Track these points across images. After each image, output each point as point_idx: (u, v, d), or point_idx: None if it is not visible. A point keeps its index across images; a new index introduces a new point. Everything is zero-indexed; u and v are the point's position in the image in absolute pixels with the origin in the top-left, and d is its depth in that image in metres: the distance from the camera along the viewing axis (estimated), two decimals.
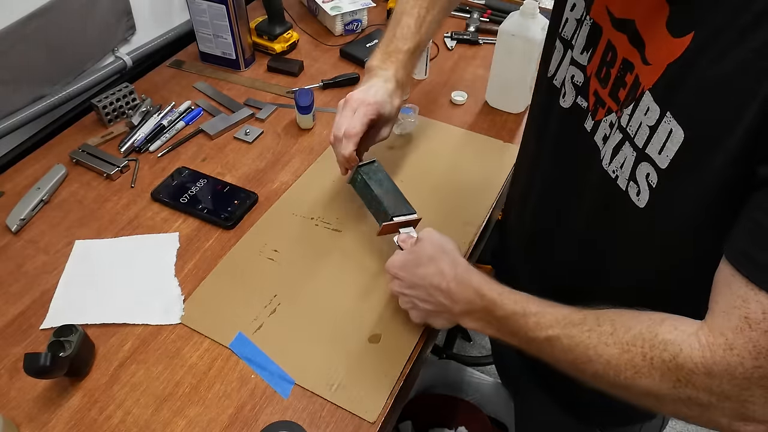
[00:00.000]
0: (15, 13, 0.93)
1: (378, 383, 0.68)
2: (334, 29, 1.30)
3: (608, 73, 0.57)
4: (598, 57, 0.59)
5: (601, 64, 0.59)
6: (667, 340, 0.47)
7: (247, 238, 0.85)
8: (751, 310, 0.43)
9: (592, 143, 0.61)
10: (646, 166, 0.52)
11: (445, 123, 1.06)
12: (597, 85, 0.60)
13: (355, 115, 0.77)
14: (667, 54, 0.49)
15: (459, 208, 0.89)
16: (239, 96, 1.13)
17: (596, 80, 0.60)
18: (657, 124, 0.50)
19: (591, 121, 0.61)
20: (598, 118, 0.60)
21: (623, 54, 0.55)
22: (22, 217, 0.86)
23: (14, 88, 0.97)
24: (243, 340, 0.73)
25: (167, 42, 1.23)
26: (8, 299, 0.77)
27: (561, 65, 0.66)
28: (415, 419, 1.24)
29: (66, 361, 0.65)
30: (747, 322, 0.43)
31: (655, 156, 0.51)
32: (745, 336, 0.43)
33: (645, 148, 0.52)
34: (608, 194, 0.58)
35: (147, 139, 1.01)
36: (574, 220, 0.67)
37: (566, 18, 0.64)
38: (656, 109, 0.50)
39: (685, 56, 0.47)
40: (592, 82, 0.61)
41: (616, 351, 0.50)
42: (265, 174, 0.96)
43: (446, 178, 0.95)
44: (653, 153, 0.51)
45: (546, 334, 0.56)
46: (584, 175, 0.62)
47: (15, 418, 0.65)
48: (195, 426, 0.65)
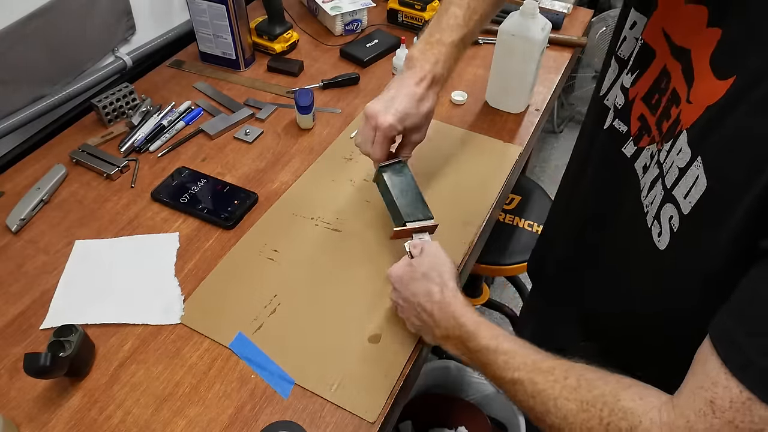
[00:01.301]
0: (15, 13, 0.93)
1: (378, 383, 0.68)
2: (334, 29, 1.30)
3: (659, 101, 0.55)
4: (649, 82, 0.56)
5: (652, 90, 0.56)
6: (628, 409, 0.45)
7: (247, 238, 0.85)
8: (719, 395, 0.40)
9: (632, 170, 0.58)
10: (671, 208, 0.50)
11: (445, 123, 1.06)
12: (644, 109, 0.57)
13: (375, 141, 0.75)
14: (708, 95, 0.46)
15: (459, 208, 0.89)
16: (239, 96, 1.13)
17: (644, 105, 0.57)
18: (687, 167, 0.47)
19: (633, 146, 0.59)
20: (641, 145, 0.58)
21: (674, 84, 0.52)
22: (22, 217, 0.86)
23: (14, 88, 0.97)
24: (243, 340, 0.73)
25: (167, 42, 1.23)
26: (8, 299, 0.77)
27: (614, 86, 0.64)
28: (415, 419, 1.24)
29: (66, 361, 0.65)
30: (712, 408, 0.40)
31: (680, 199, 0.48)
32: (707, 422, 0.40)
33: (672, 189, 0.49)
34: (637, 227, 0.56)
35: (147, 139, 1.01)
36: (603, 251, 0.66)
37: (624, 36, 0.61)
38: (688, 152, 0.47)
39: (725, 101, 0.44)
40: (636, 105, 0.58)
41: (574, 407, 0.49)
42: (265, 174, 0.96)
43: (446, 178, 0.95)
44: (679, 196, 0.48)
45: (512, 376, 0.55)
46: (618, 203, 0.61)
47: (15, 418, 0.65)
48: (195, 426, 0.65)
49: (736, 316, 0.41)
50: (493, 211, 0.91)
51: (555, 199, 0.86)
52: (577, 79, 2.55)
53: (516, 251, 1.30)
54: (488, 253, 1.27)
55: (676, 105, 0.51)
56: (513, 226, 1.35)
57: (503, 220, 1.36)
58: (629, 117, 0.59)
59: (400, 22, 1.33)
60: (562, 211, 0.80)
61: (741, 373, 0.39)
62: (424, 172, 0.95)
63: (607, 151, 0.63)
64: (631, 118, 0.59)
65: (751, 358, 0.39)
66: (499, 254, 1.30)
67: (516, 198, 1.40)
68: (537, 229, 1.34)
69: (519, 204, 1.39)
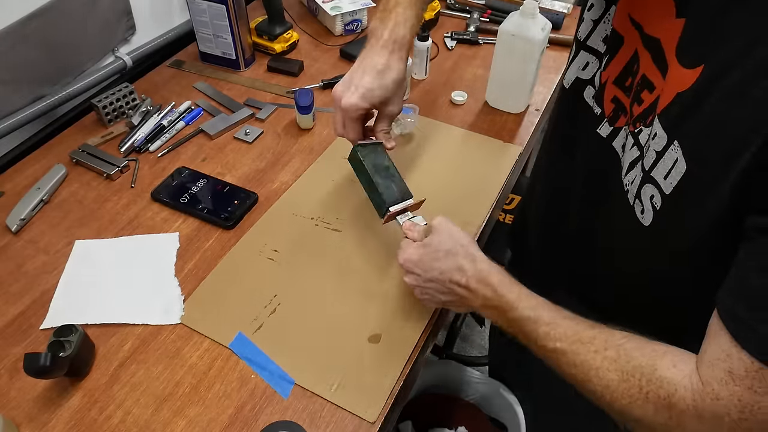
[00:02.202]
0: (15, 13, 0.93)
1: (378, 383, 0.68)
2: (334, 29, 1.30)
3: (632, 84, 0.57)
4: (619, 66, 0.59)
5: (624, 74, 0.58)
6: (664, 378, 0.49)
7: (247, 238, 0.85)
8: (735, 366, 0.44)
9: (611, 150, 0.61)
10: (651, 188, 0.53)
11: (445, 123, 1.06)
12: (618, 92, 0.59)
13: (343, 123, 0.75)
14: (677, 83, 0.48)
15: (459, 207, 0.89)
16: (239, 96, 1.13)
17: (616, 87, 0.60)
18: (663, 151, 0.50)
19: (608, 127, 0.61)
20: (618, 125, 0.60)
21: (644, 70, 0.54)
22: (22, 217, 0.86)
23: (14, 88, 0.97)
24: (243, 340, 0.73)
25: (167, 42, 1.23)
26: (8, 299, 0.77)
27: (571, 66, 0.66)
28: (415, 419, 1.24)
29: (66, 361, 0.65)
30: (731, 377, 0.44)
31: (660, 180, 0.51)
32: (730, 389, 0.44)
33: (651, 171, 0.52)
34: (621, 205, 0.59)
35: (147, 139, 1.01)
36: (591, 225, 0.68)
37: (583, 18, 0.64)
38: (664, 136, 0.50)
39: (696, 88, 0.47)
40: (608, 88, 0.60)
41: (615, 377, 0.51)
42: (265, 174, 0.96)
43: (446, 178, 0.95)
44: (659, 177, 0.51)
45: (554, 346, 0.57)
46: (602, 182, 0.63)
47: (15, 418, 0.65)
48: (195, 426, 0.65)
49: (735, 293, 0.45)
50: (493, 211, 0.91)
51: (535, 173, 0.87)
52: None
53: None
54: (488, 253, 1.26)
55: (649, 90, 0.54)
56: None
57: (503, 220, 1.36)
58: (602, 100, 0.62)
59: None
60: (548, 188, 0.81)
61: (749, 345, 0.43)
62: (424, 172, 0.95)
63: (588, 132, 0.65)
64: (605, 100, 0.61)
65: (756, 331, 0.43)
66: (499, 254, 1.29)
67: (516, 198, 1.40)
68: None
69: (519, 204, 1.39)
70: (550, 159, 0.79)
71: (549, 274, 0.80)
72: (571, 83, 0.67)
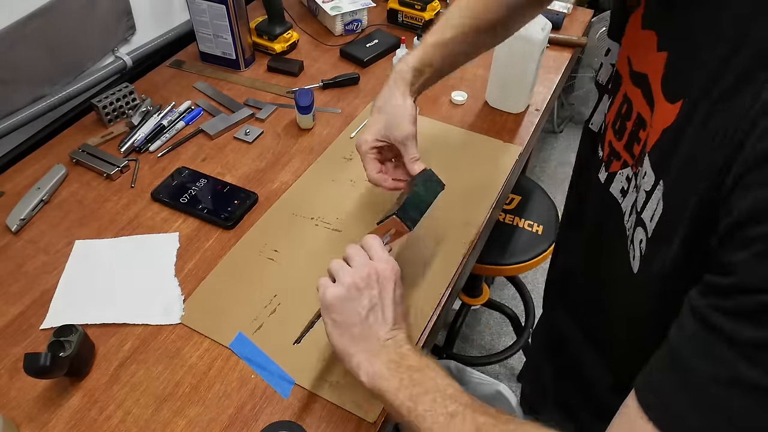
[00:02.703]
0: (15, 13, 0.93)
1: None
2: (334, 29, 1.30)
3: (623, 126, 0.55)
4: (615, 108, 0.57)
5: (617, 116, 0.57)
6: None
7: (247, 238, 0.85)
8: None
9: (608, 196, 0.58)
10: (640, 231, 0.50)
11: (445, 123, 1.06)
12: (612, 136, 0.58)
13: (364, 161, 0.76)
14: (663, 119, 0.46)
15: (459, 208, 0.89)
16: (239, 96, 1.13)
17: (611, 131, 0.58)
18: (652, 190, 0.47)
19: (605, 172, 0.59)
20: (612, 170, 0.58)
21: (638, 109, 0.52)
22: (22, 217, 0.86)
23: (14, 88, 0.97)
24: (243, 340, 0.73)
25: (167, 42, 1.23)
26: (8, 299, 0.77)
27: (596, 111, 0.65)
28: None
29: (66, 361, 0.65)
30: None
31: (647, 222, 0.48)
32: None
33: (641, 212, 0.49)
34: (620, 251, 0.55)
35: (147, 139, 1.01)
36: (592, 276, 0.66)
37: (601, 63, 0.63)
38: (652, 176, 0.47)
39: (676, 124, 0.44)
40: (608, 132, 0.59)
41: None
42: (265, 174, 0.96)
43: (446, 178, 0.94)
44: (647, 219, 0.48)
45: (454, 409, 0.51)
46: (605, 228, 0.60)
47: (15, 418, 0.65)
48: (195, 426, 0.65)
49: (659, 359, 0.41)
50: (493, 211, 0.91)
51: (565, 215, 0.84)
52: (577, 79, 2.55)
53: (516, 251, 1.30)
54: (488, 253, 1.27)
55: (643, 129, 0.51)
56: (513, 226, 1.35)
57: (503, 220, 1.36)
58: (603, 143, 0.60)
59: (400, 22, 1.33)
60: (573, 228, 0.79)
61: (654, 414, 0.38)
62: None
63: (592, 177, 0.63)
64: (604, 144, 0.60)
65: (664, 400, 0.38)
66: (499, 254, 1.30)
67: (516, 198, 1.40)
68: (537, 229, 1.34)
69: (519, 204, 1.39)
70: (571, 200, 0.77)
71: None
72: (600, 127, 0.65)
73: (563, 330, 0.76)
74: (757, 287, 0.34)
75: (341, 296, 0.59)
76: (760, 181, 0.34)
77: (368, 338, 0.59)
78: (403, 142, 0.75)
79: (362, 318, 0.59)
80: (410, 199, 0.70)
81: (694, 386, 0.37)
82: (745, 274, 0.34)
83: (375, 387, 0.56)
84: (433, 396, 0.53)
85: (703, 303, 0.37)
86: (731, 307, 0.35)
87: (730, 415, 0.35)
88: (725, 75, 0.39)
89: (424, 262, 0.82)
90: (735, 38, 0.39)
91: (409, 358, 0.57)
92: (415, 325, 0.74)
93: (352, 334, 0.59)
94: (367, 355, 0.58)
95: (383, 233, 0.70)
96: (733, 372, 0.35)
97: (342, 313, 0.59)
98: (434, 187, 0.74)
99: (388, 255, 0.64)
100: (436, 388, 0.53)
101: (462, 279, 0.85)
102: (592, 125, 0.66)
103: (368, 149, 0.75)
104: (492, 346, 1.84)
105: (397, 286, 0.62)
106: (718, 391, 0.35)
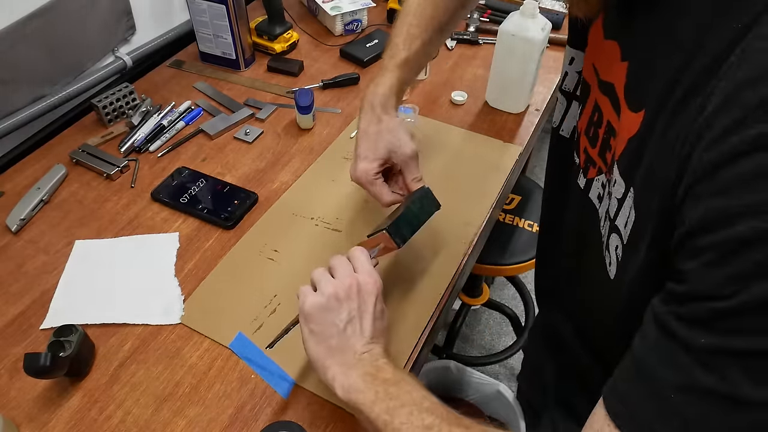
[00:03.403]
0: (15, 13, 0.93)
1: None
2: (334, 29, 1.30)
3: (596, 133, 0.56)
4: (587, 116, 0.58)
5: (589, 124, 0.57)
6: None
7: (247, 238, 0.85)
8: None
9: (588, 201, 0.59)
10: (615, 238, 0.50)
11: (445, 123, 1.06)
12: (586, 143, 0.58)
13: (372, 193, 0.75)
14: (627, 128, 0.47)
15: (459, 208, 0.89)
16: (239, 96, 1.13)
17: (585, 138, 0.59)
18: (623, 198, 0.48)
19: (583, 178, 0.60)
20: (589, 177, 0.59)
21: (608, 117, 0.53)
22: (22, 217, 0.86)
23: (14, 88, 0.97)
24: (243, 340, 0.73)
25: (167, 42, 1.23)
26: (8, 299, 0.77)
27: (565, 117, 0.66)
28: None
29: (66, 361, 0.65)
30: None
31: (621, 229, 0.49)
32: None
33: (615, 219, 0.50)
34: (597, 257, 0.56)
35: (147, 139, 1.01)
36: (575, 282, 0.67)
37: (566, 72, 0.64)
38: (622, 183, 0.48)
39: (640, 134, 0.45)
40: (582, 139, 0.60)
41: None
42: (265, 174, 0.96)
43: (446, 178, 0.95)
44: (621, 226, 0.49)
45: (431, 422, 0.51)
46: (585, 234, 0.61)
47: (15, 418, 0.65)
48: (195, 426, 0.65)
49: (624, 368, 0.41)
50: (493, 211, 0.91)
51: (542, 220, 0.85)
52: None
53: (516, 251, 1.30)
54: (488, 253, 1.27)
55: (613, 137, 0.52)
56: (513, 226, 1.35)
57: (503, 220, 1.36)
58: (578, 150, 0.61)
59: None
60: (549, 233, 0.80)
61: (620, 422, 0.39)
62: (425, 172, 0.95)
63: (571, 183, 0.64)
64: (580, 150, 0.60)
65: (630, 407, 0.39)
66: (499, 254, 1.30)
67: (516, 198, 1.41)
68: (537, 229, 1.34)
69: (519, 204, 1.39)
70: (548, 206, 0.78)
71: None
72: (571, 132, 0.66)
73: (560, 329, 0.76)
74: (708, 294, 0.34)
75: (320, 306, 0.59)
76: (708, 191, 0.35)
77: (344, 351, 0.58)
78: (407, 162, 0.75)
79: (339, 330, 0.59)
80: (403, 216, 0.70)
81: (658, 395, 0.37)
82: (696, 282, 0.35)
83: (351, 400, 0.56)
84: (409, 409, 0.52)
85: (663, 310, 0.38)
86: (685, 313, 0.36)
87: (686, 420, 0.36)
88: (678, 86, 0.39)
89: (424, 262, 0.82)
90: (690, 49, 0.39)
91: (385, 371, 0.57)
92: (414, 325, 0.74)
93: (329, 345, 0.58)
94: (342, 368, 0.57)
95: (371, 247, 0.69)
96: (690, 379, 0.35)
97: (320, 323, 0.59)
98: (429, 206, 0.73)
99: (372, 268, 0.63)
100: (412, 401, 0.53)
101: (462, 279, 0.85)
102: (563, 132, 0.67)
103: (373, 177, 0.73)
104: (492, 346, 1.84)
105: (378, 300, 0.62)
106: (678, 398, 0.36)
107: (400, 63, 0.77)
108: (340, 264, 0.63)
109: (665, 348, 0.37)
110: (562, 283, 0.74)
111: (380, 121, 0.74)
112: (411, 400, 0.53)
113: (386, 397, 0.54)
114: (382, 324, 0.62)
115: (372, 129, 0.74)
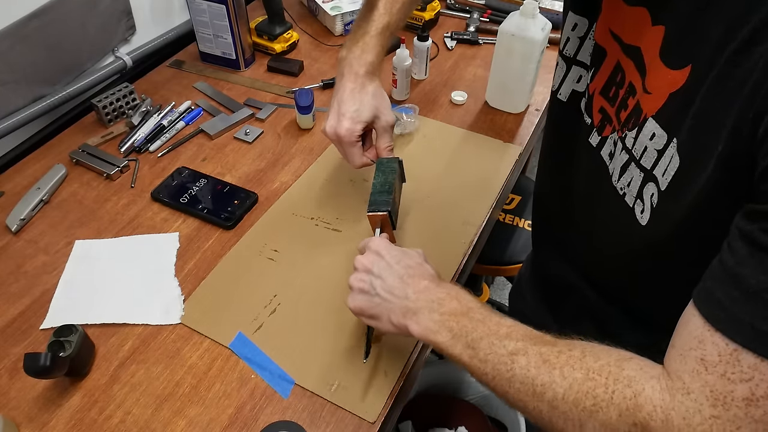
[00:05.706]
0: (15, 13, 0.93)
1: (378, 383, 0.68)
2: (334, 29, 1.30)
3: (616, 93, 0.59)
4: (604, 77, 0.61)
5: (609, 84, 0.61)
6: (632, 377, 0.46)
7: (247, 238, 0.85)
8: (707, 351, 0.42)
9: (599, 158, 0.63)
10: (652, 186, 0.54)
11: (445, 123, 1.06)
12: (604, 102, 0.61)
13: (346, 152, 0.78)
14: (668, 84, 0.50)
15: (459, 208, 0.89)
16: (239, 96, 1.13)
17: (602, 98, 0.62)
18: (664, 149, 0.52)
19: (597, 136, 0.63)
20: (605, 134, 0.62)
21: (630, 78, 0.57)
22: (22, 217, 0.86)
23: (14, 88, 0.97)
24: (243, 340, 0.73)
25: (167, 42, 1.23)
26: (8, 299, 0.77)
27: (564, 81, 0.69)
28: (415, 419, 1.24)
29: (66, 361, 0.65)
30: (703, 365, 0.42)
31: (660, 177, 0.52)
32: (702, 380, 0.42)
33: (653, 169, 0.53)
34: (618, 208, 0.59)
35: (147, 139, 1.01)
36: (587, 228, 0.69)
37: (568, 37, 0.67)
38: (663, 135, 0.51)
39: (686, 87, 0.49)
40: (596, 99, 0.63)
41: (580, 375, 0.48)
42: (265, 174, 0.96)
43: (446, 178, 0.95)
44: (659, 175, 0.52)
45: (515, 346, 0.52)
46: (597, 189, 0.64)
47: (15, 418, 0.65)
48: (195, 426, 0.65)
49: (712, 275, 0.44)
50: (493, 211, 0.91)
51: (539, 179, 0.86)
52: None
53: (516, 251, 1.30)
54: (488, 253, 1.27)
55: (632, 96, 0.56)
56: (513, 226, 1.35)
57: (503, 220, 1.36)
58: (591, 110, 0.64)
59: None
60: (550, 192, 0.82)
61: (722, 325, 0.41)
62: (425, 172, 0.95)
63: (581, 141, 0.67)
64: (593, 110, 0.63)
65: (729, 311, 0.41)
66: (499, 254, 1.30)
67: (516, 198, 1.40)
68: None
69: (519, 204, 1.39)
70: (549, 166, 0.80)
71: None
72: (569, 96, 0.69)
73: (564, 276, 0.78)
74: None
75: (361, 298, 0.64)
76: None
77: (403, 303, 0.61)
78: (386, 129, 0.79)
79: (389, 292, 0.62)
80: (373, 189, 0.75)
81: (755, 298, 0.40)
82: None
83: (430, 342, 0.58)
84: (489, 340, 0.54)
85: (752, 227, 0.41)
86: None
87: None
88: (733, 41, 0.43)
89: None
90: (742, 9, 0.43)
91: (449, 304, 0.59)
92: None
93: (390, 309, 0.61)
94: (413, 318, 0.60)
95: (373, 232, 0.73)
96: None
97: (373, 307, 0.63)
98: (390, 165, 0.78)
99: (378, 238, 0.69)
100: (488, 331, 0.55)
101: (462, 279, 0.85)
102: (560, 96, 0.70)
103: (355, 139, 0.77)
104: None
105: (393, 248, 0.66)
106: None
107: (381, 29, 0.79)
108: (356, 260, 0.67)
109: (758, 258, 0.41)
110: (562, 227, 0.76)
111: (365, 86, 0.77)
112: (487, 330, 0.55)
113: (462, 332, 0.56)
114: (414, 260, 0.65)
115: (358, 92, 0.77)
